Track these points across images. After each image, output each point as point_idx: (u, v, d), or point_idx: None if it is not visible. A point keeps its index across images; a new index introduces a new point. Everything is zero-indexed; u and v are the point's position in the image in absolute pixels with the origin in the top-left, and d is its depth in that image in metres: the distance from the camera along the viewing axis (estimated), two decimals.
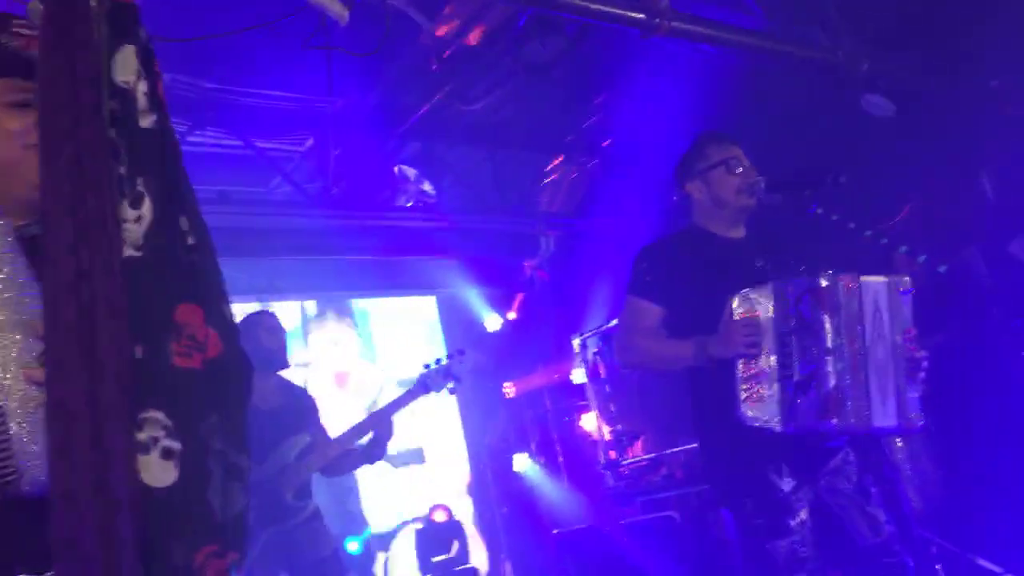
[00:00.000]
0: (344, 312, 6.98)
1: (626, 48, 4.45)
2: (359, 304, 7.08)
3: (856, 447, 2.52)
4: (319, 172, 4.89)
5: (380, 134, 4.95)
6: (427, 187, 5.19)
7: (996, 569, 4.16)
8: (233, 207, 4.77)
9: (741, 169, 2.72)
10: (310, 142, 4.87)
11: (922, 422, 2.34)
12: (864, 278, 2.33)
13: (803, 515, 2.38)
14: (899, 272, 2.87)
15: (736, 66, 4.22)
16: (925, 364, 2.37)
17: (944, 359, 2.60)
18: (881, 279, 2.36)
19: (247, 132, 4.70)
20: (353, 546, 5.70)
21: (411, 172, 5.17)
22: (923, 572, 4.26)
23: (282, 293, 6.09)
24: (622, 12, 3.33)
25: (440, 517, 6.38)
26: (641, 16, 3.35)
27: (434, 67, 4.29)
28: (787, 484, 2.39)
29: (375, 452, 3.81)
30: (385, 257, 5.84)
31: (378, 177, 5.29)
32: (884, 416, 2.28)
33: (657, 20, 3.34)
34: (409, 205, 5.35)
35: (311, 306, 6.81)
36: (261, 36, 3.68)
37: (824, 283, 2.29)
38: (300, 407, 3.87)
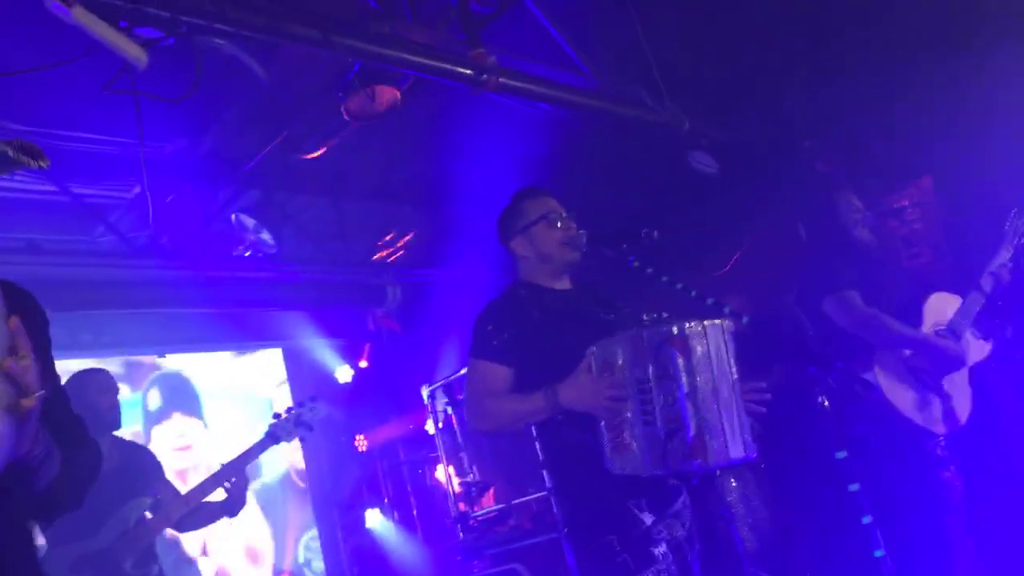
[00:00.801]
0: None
1: (465, 101, 4.50)
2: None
3: (691, 491, 2.59)
4: (147, 221, 4.63)
5: (214, 181, 4.76)
6: (266, 236, 5.01)
7: None
8: (47, 257, 4.45)
9: (561, 223, 2.76)
10: (137, 189, 4.62)
11: (756, 451, 2.45)
12: (707, 322, 2.43)
13: (663, 547, 2.44)
14: None
15: (569, 122, 4.36)
16: (765, 395, 2.51)
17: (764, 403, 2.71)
18: (718, 322, 2.47)
19: (65, 178, 4.41)
20: None
21: (249, 221, 4.99)
22: None
23: (110, 348, 5.71)
24: (450, 67, 3.37)
25: None
26: (469, 72, 3.40)
27: (268, 115, 4.19)
28: (648, 518, 2.45)
29: (235, 504, 3.74)
30: (224, 310, 5.59)
31: (214, 226, 5.08)
32: (735, 448, 2.38)
33: (484, 76, 3.39)
34: (247, 255, 5.16)
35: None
36: (81, 77, 3.50)
37: (676, 330, 2.37)
38: (141, 467, 3.71)
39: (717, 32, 4.19)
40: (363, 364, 6.83)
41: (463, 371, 5.78)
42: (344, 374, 6.77)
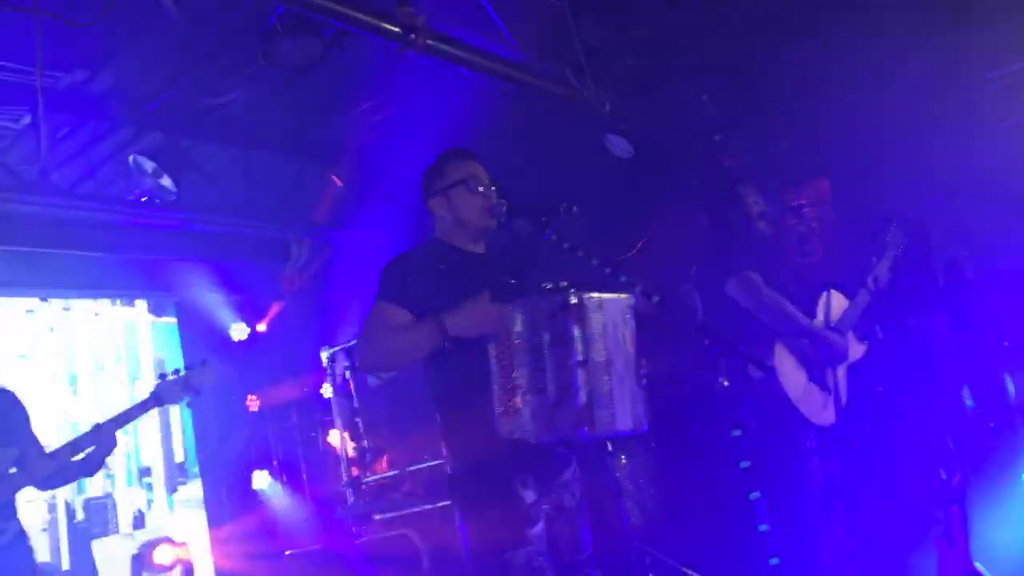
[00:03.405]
0: None
1: (390, 61, 4.42)
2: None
3: (582, 462, 2.64)
4: (37, 154, 4.35)
5: (113, 120, 4.51)
6: (166, 182, 4.78)
7: None
8: None
9: (482, 188, 2.75)
10: (27, 119, 4.32)
11: (647, 424, 2.51)
12: (606, 295, 2.47)
13: (540, 525, 2.46)
14: None
15: (491, 94, 4.35)
16: (645, 372, 2.57)
17: (660, 383, 2.79)
18: (618, 296, 2.53)
19: None
20: None
21: (148, 164, 4.74)
22: None
23: None
24: (377, 22, 3.30)
25: (162, 557, 5.88)
26: (397, 30, 3.33)
27: (179, 54, 3.99)
28: (530, 496, 2.46)
29: (92, 465, 3.52)
30: (114, 255, 5.33)
31: (110, 166, 4.83)
32: (624, 421, 2.43)
33: (413, 36, 3.33)
34: (144, 200, 4.92)
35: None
36: None
37: (574, 300, 2.39)
38: (8, 415, 3.44)
39: (645, 20, 4.26)
40: (261, 327, 6.65)
41: None
42: (239, 331, 6.58)
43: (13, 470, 3.35)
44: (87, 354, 7.37)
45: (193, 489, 7.48)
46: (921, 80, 4.16)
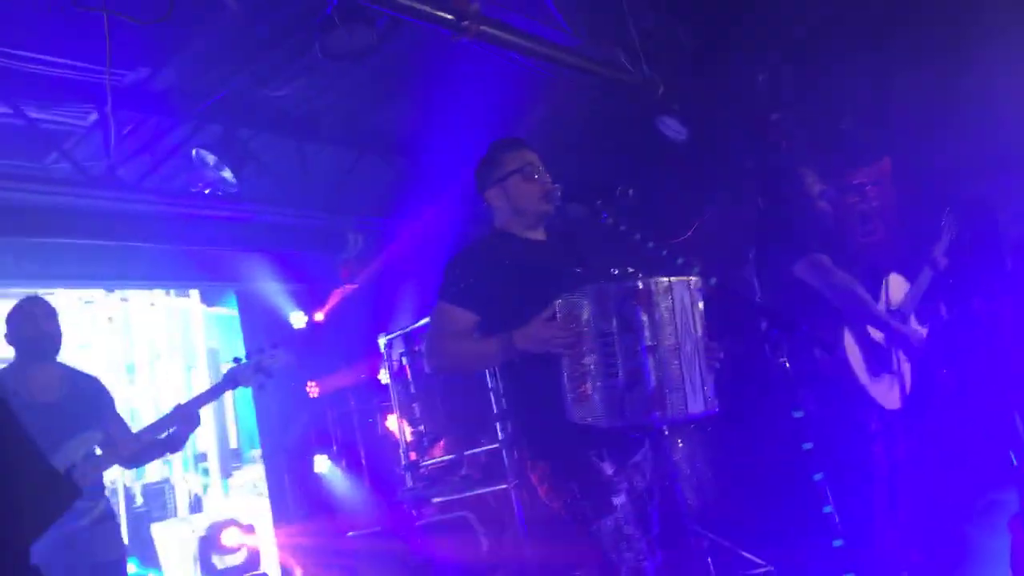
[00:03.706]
0: None
1: (440, 49, 4.44)
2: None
3: (653, 444, 2.67)
4: (103, 150, 4.49)
5: (176, 114, 4.63)
6: (227, 174, 4.90)
7: (759, 562, 4.55)
8: None
9: (537, 176, 2.77)
10: (94, 116, 4.46)
11: (718, 406, 2.50)
12: (673, 279, 2.46)
13: (623, 497, 2.49)
14: None
15: (543, 78, 4.34)
16: (720, 355, 2.57)
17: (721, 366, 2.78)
18: (684, 279, 2.51)
19: (19, 100, 4.24)
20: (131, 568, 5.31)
21: (210, 157, 4.87)
22: (695, 564, 4.59)
23: (57, 280, 5.56)
24: (431, 10, 3.32)
25: (230, 539, 6.06)
26: (451, 17, 3.35)
27: (238, 47, 4.07)
28: (608, 468, 2.50)
29: (176, 443, 3.66)
30: (179, 247, 5.48)
31: (173, 160, 4.96)
32: (695, 404, 2.43)
33: (466, 23, 3.35)
34: (207, 192, 5.04)
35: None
36: None
37: (641, 285, 2.40)
38: (90, 399, 3.60)
39: (698, 1, 4.21)
40: (319, 316, 6.78)
41: (421, 322, 5.79)
42: (298, 319, 6.72)
43: (99, 451, 3.51)
44: (144, 343, 7.59)
45: (248, 474, 7.69)
46: (991, 55, 4.03)
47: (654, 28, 4.28)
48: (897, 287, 3.62)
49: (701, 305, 2.54)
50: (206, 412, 3.68)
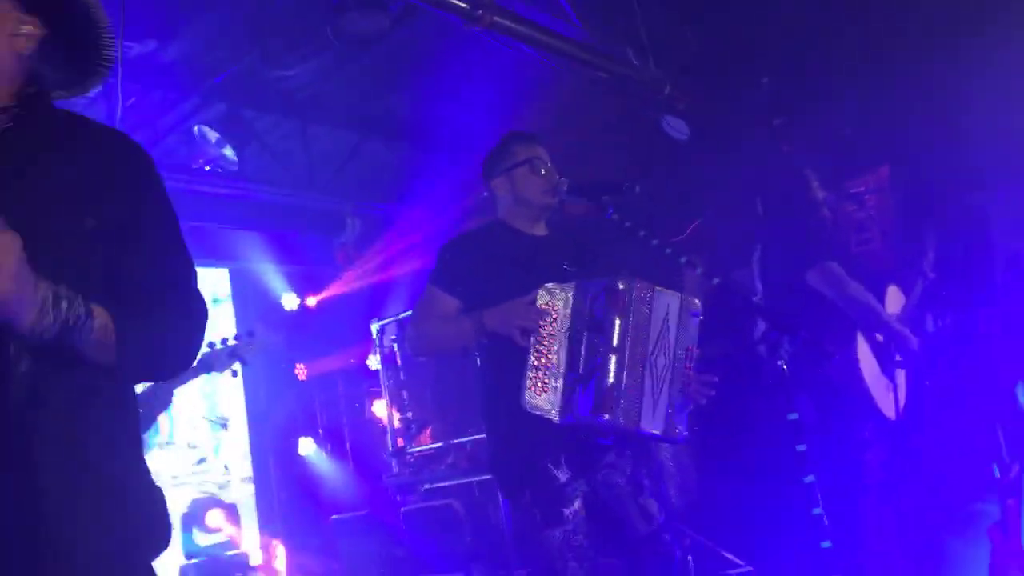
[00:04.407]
0: None
1: (449, 38, 4.45)
2: None
3: (630, 443, 2.65)
4: (107, 122, 4.46)
5: (181, 89, 4.61)
6: (229, 152, 4.89)
7: (739, 563, 4.59)
8: None
9: (544, 170, 2.78)
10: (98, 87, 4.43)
11: (685, 435, 2.46)
12: (659, 288, 2.42)
13: (577, 505, 2.47)
14: (686, 285, 3.07)
15: (549, 72, 4.35)
16: (711, 392, 2.50)
17: (712, 364, 2.80)
18: (675, 294, 2.46)
19: None
20: None
21: (212, 134, 4.86)
22: (674, 564, 4.63)
23: None
24: None
25: (214, 519, 6.04)
26: (465, 5, 3.36)
27: (249, 25, 4.06)
28: (563, 475, 2.47)
29: (146, 421, 3.61)
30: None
31: (175, 135, 4.94)
32: (651, 421, 2.37)
33: (480, 12, 3.36)
34: (207, 169, 5.03)
35: None
36: None
37: (620, 285, 2.37)
38: None
39: (708, 2, 4.23)
40: (311, 302, 6.77)
41: None
42: (290, 301, 6.71)
43: None
44: None
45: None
46: (990, 64, 4.07)
47: (663, 27, 4.30)
48: (893, 299, 3.67)
49: (691, 325, 2.48)
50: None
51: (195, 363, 3.79)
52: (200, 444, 7.28)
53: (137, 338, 1.33)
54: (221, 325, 6.90)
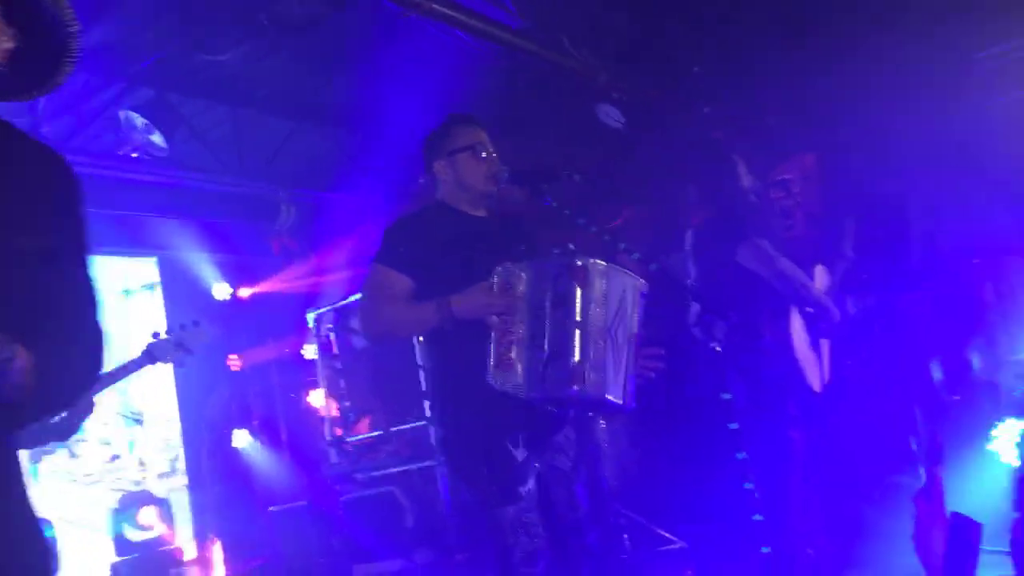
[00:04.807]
0: None
1: (383, 23, 4.41)
2: None
3: (576, 425, 2.71)
4: (28, 107, 4.29)
5: (107, 73, 4.46)
6: (157, 138, 4.75)
7: (673, 539, 4.74)
8: None
9: (486, 155, 2.80)
10: None
11: (634, 405, 2.55)
12: (614, 267, 2.49)
13: (531, 483, 2.53)
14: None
15: (487, 59, 4.37)
16: (659, 364, 2.61)
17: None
18: (628, 273, 2.54)
19: None
20: None
21: (139, 120, 4.71)
22: (612, 541, 4.74)
23: None
24: None
25: (147, 517, 5.90)
26: None
27: (178, 8, 3.96)
28: (520, 454, 2.52)
29: (70, 427, 3.41)
30: (102, 211, 5.29)
31: (101, 121, 4.77)
32: (614, 390, 2.45)
33: None
34: (135, 156, 4.88)
35: None
36: None
37: (580, 263, 2.42)
38: None
39: None
40: (244, 293, 6.65)
41: (352, 298, 5.75)
42: (221, 291, 6.58)
43: None
44: None
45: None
46: (908, 58, 4.26)
47: (597, 15, 4.36)
48: (819, 278, 3.81)
49: (640, 304, 2.56)
50: None
51: (140, 354, 3.68)
52: (113, 440, 7.10)
53: (50, 379, 1.27)
54: (150, 315, 6.74)
